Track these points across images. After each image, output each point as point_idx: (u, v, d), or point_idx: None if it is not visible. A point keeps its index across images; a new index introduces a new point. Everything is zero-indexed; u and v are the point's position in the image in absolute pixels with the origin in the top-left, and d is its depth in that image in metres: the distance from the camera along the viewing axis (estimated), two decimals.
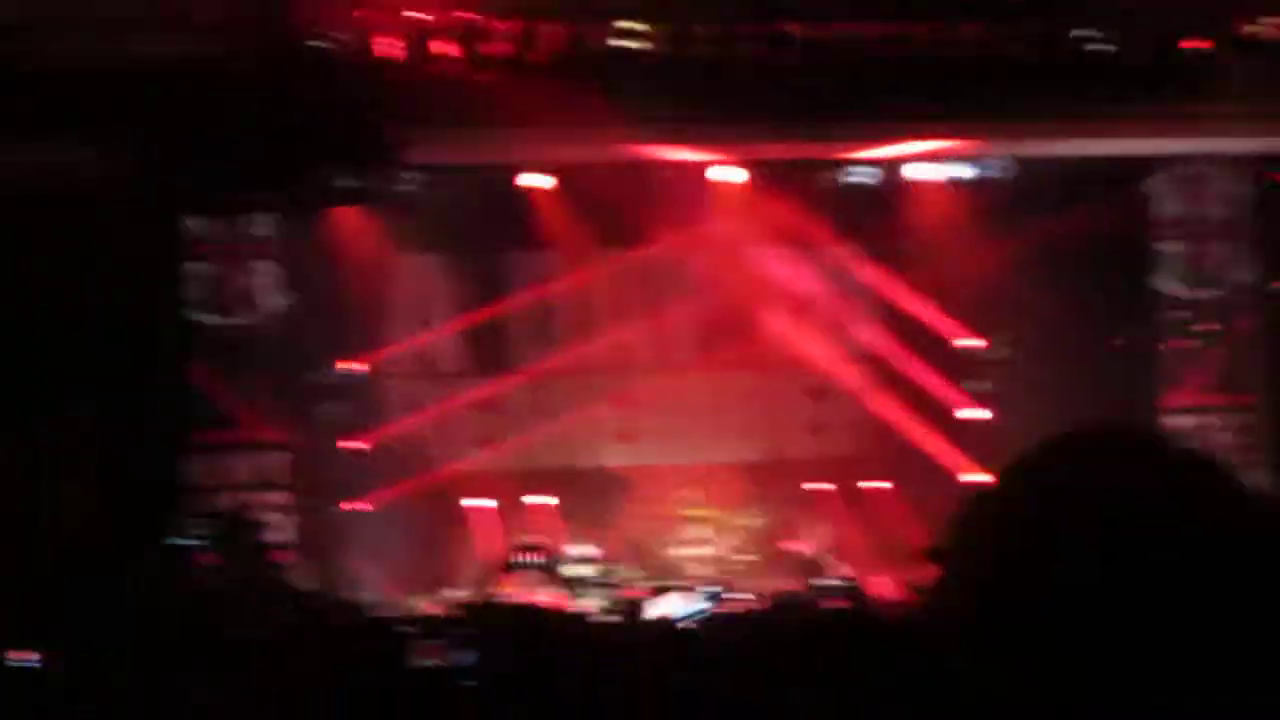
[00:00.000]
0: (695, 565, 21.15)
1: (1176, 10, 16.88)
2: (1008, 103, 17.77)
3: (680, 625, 7.13)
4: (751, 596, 15.64)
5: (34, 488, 17.06)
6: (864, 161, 20.45)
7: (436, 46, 16.19)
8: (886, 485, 21.79)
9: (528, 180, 20.44)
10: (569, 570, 19.12)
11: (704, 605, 11.84)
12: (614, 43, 16.48)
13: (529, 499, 21.19)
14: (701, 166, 20.42)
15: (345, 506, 20.91)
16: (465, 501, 21.15)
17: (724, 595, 13.44)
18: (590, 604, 16.74)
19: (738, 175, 20.68)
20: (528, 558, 10.05)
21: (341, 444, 21.07)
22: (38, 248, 16.16)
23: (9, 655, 8.37)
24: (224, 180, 14.64)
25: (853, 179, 20.80)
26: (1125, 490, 1.46)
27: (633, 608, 14.94)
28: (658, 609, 15.41)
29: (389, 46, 15.96)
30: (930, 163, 20.63)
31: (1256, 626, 1.38)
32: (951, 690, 1.47)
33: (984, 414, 22.01)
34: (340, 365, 21.18)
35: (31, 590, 13.17)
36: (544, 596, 16.00)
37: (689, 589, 16.16)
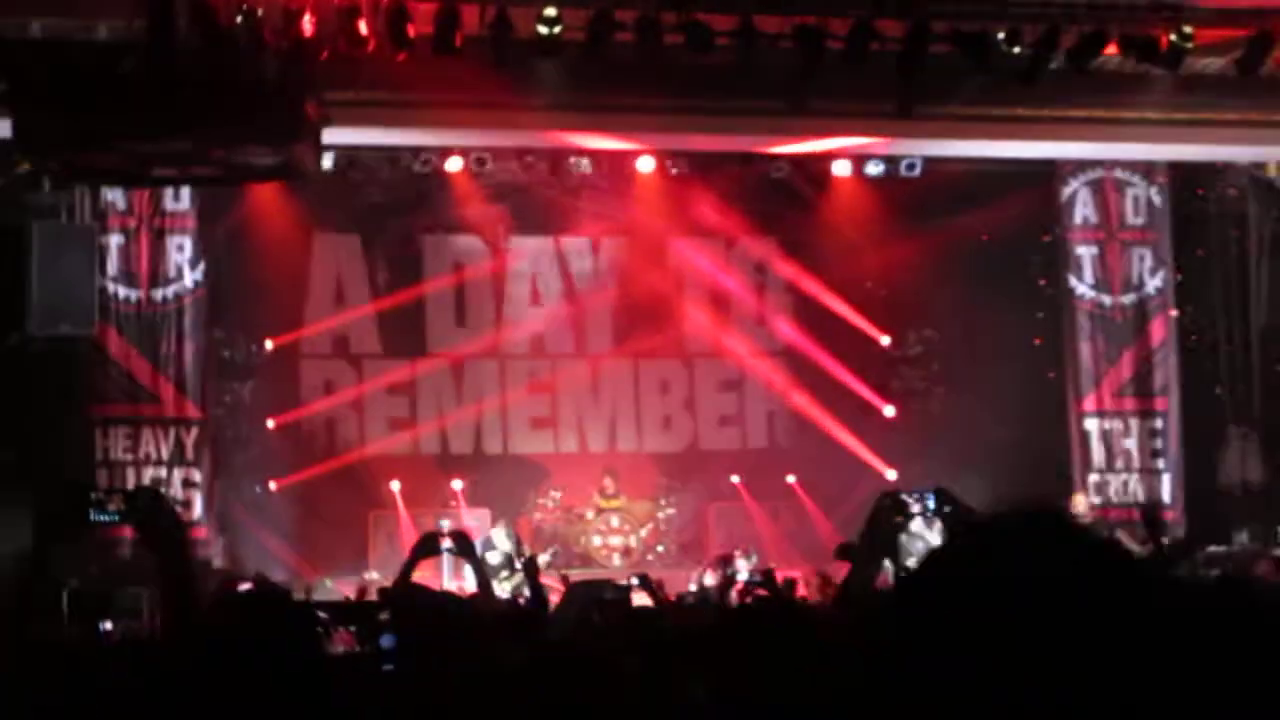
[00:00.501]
0: (606, 554, 21.20)
1: (1096, 16, 16.98)
2: (926, 101, 17.87)
3: (593, 614, 7.15)
4: (664, 586, 15.66)
5: None
6: (783, 156, 20.51)
7: (359, 26, 16.08)
8: (799, 478, 21.87)
9: (447, 163, 20.39)
10: (482, 556, 19.10)
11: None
12: (538, 28, 16.42)
13: (443, 483, 21.16)
14: (622, 155, 20.44)
15: (260, 485, 20.84)
16: (379, 484, 21.09)
17: (637, 585, 13.43)
18: (503, 590, 16.74)
19: (658, 166, 20.71)
20: (441, 542, 10.02)
21: (257, 423, 21.01)
22: None
23: None
24: (142, 154, 14.48)
25: (772, 174, 20.88)
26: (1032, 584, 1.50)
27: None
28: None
29: (311, 25, 15.85)
30: (849, 160, 20.72)
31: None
32: (861, 680, 1.49)
33: (892, 410, 22.17)
34: (256, 343, 21.11)
35: None
36: (457, 582, 15.98)
37: (602, 579, 16.17)
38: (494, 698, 3.67)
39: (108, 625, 13.25)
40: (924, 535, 14.12)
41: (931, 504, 5.41)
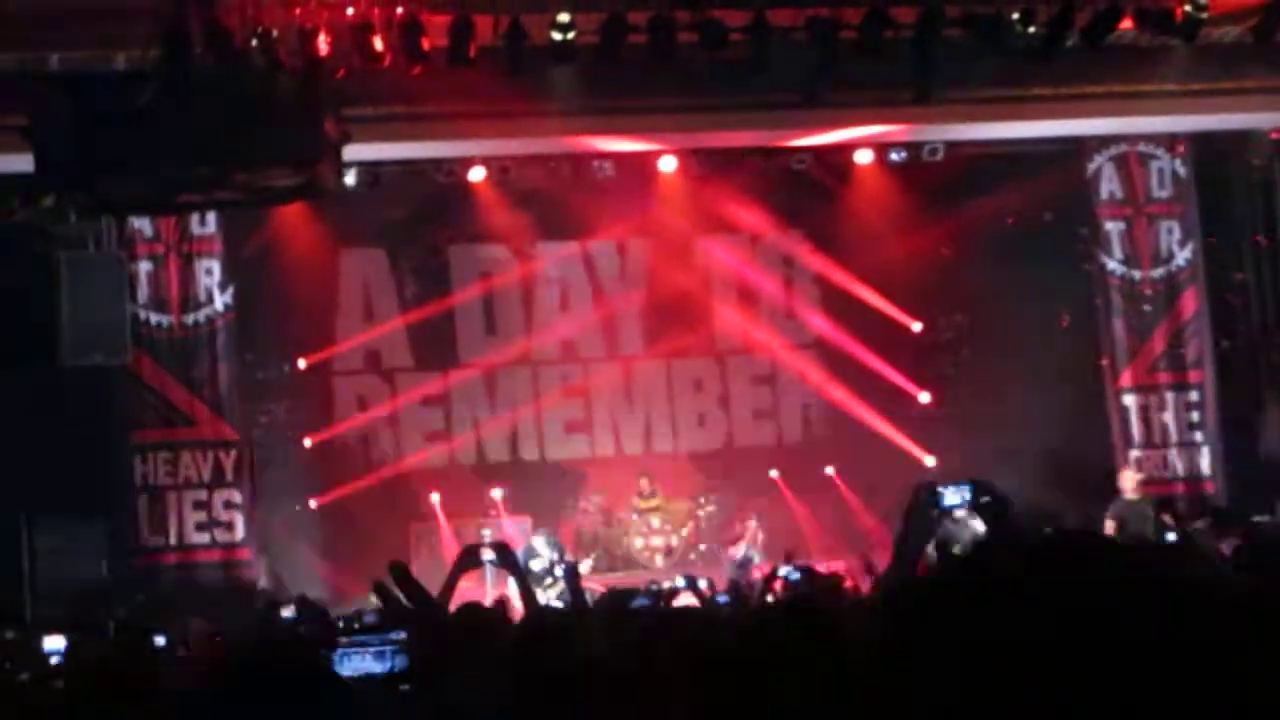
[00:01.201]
0: (648, 555, 21.21)
1: None
2: (946, 85, 17.84)
3: (629, 618, 7.15)
4: (702, 585, 15.65)
5: None
6: (805, 149, 20.48)
7: (374, 42, 16.14)
8: (838, 470, 21.84)
9: (469, 173, 20.42)
10: (522, 564, 19.09)
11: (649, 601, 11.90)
12: (551, 34, 16.46)
13: (482, 492, 21.19)
14: (643, 156, 20.44)
15: (299, 504, 20.91)
16: (418, 496, 21.13)
17: (673, 586, 13.45)
18: (547, 598, 16.74)
19: (679, 164, 20.71)
20: (482, 554, 10.03)
21: (293, 441, 21.09)
22: None
23: None
24: (165, 181, 14.56)
25: (793, 166, 20.85)
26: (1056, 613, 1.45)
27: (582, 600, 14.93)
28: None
29: (327, 44, 15.91)
30: (871, 148, 20.69)
31: None
32: (891, 679, 1.49)
33: (928, 396, 22.13)
34: (289, 362, 21.20)
35: None
36: (496, 591, 16.00)
37: (632, 587, 16.20)
38: (512, 707, 3.68)
39: (160, 640, 13.27)
40: (969, 524, 14.04)
41: (968, 496, 5.34)
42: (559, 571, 17.10)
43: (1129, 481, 17.79)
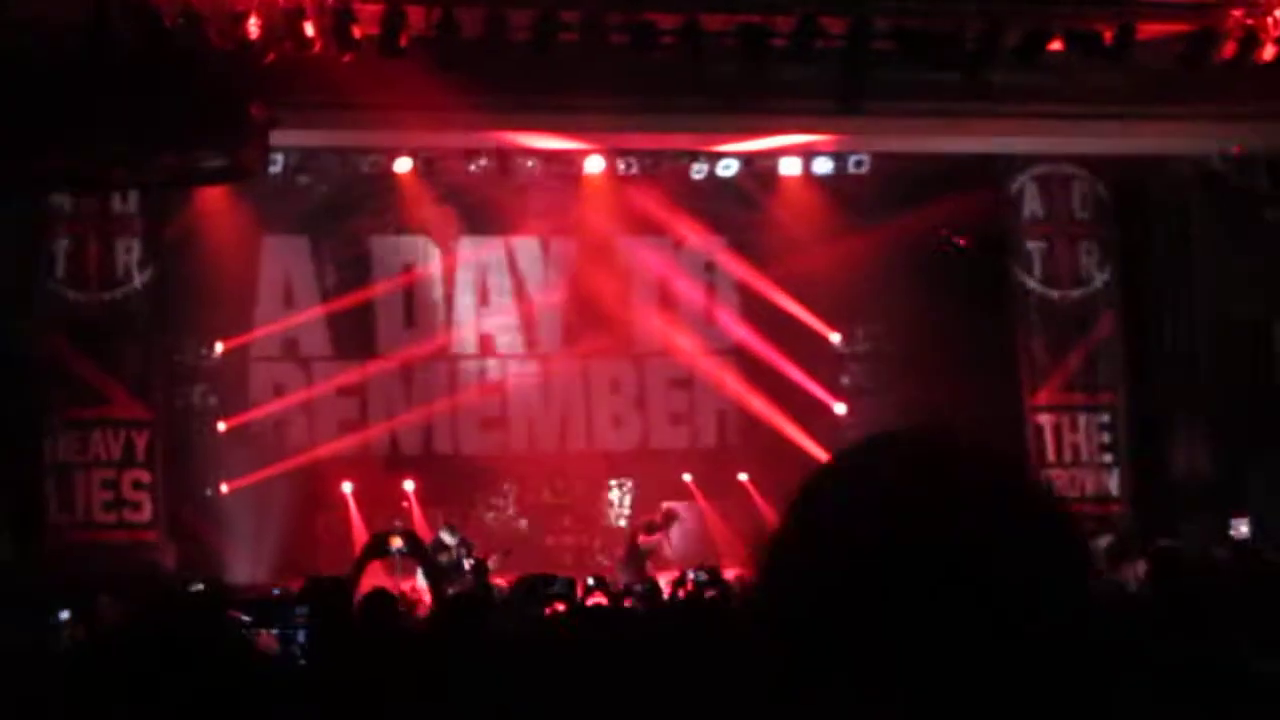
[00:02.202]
0: (560, 554, 21.19)
1: (1041, 11, 17.08)
2: (872, 97, 17.91)
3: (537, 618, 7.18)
4: (609, 584, 15.66)
5: None
6: (730, 154, 20.54)
7: (305, 28, 16.05)
8: (750, 476, 21.90)
9: (395, 164, 20.35)
10: (433, 557, 19.06)
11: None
12: (485, 27, 16.41)
13: (394, 484, 21.13)
14: (571, 155, 20.43)
15: (211, 488, 20.78)
16: (331, 485, 21.04)
17: (593, 586, 13.46)
18: (454, 590, 16.70)
19: (606, 165, 20.72)
20: (391, 543, 10.00)
21: (207, 425, 20.96)
22: None
23: None
24: (88, 157, 14.46)
25: (719, 172, 20.90)
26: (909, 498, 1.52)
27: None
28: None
29: (257, 28, 15.80)
30: (797, 157, 20.77)
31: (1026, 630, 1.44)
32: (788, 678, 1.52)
33: (843, 407, 22.25)
34: (206, 346, 21.06)
35: None
36: (404, 581, 15.96)
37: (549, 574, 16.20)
38: (429, 691, 3.69)
39: (65, 615, 13.15)
40: None
41: None
42: (466, 565, 17.09)
43: None
